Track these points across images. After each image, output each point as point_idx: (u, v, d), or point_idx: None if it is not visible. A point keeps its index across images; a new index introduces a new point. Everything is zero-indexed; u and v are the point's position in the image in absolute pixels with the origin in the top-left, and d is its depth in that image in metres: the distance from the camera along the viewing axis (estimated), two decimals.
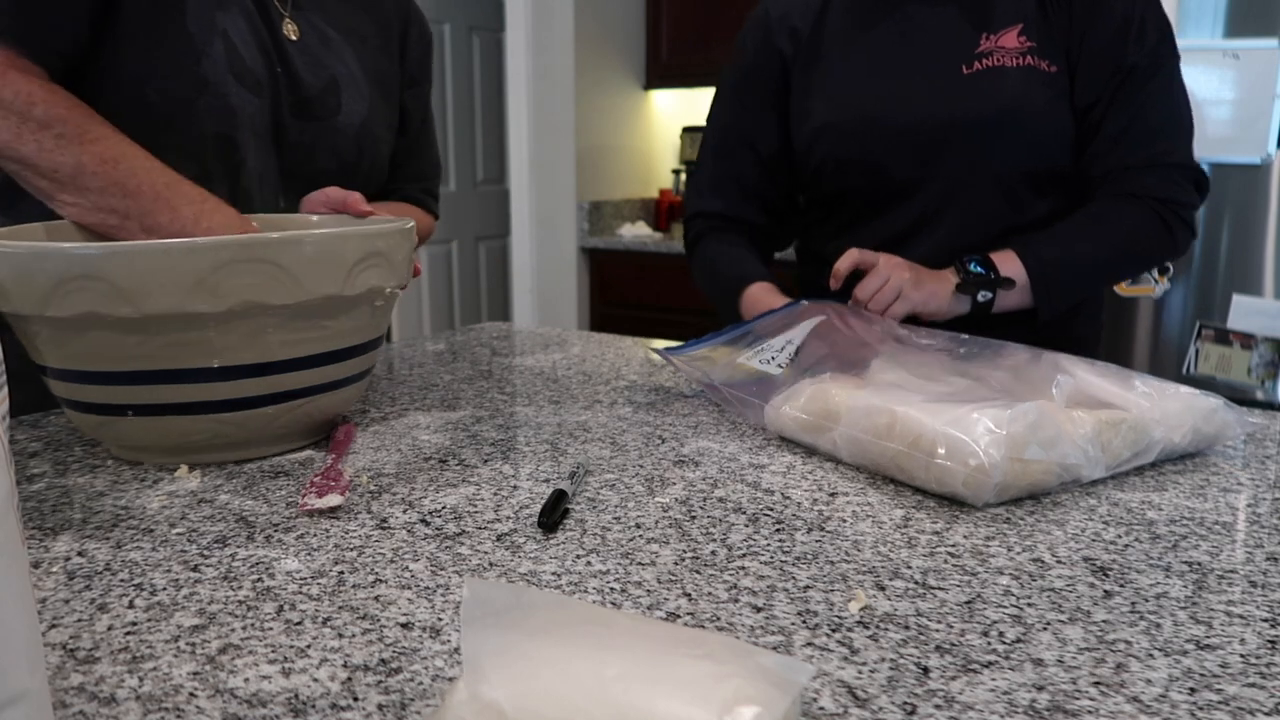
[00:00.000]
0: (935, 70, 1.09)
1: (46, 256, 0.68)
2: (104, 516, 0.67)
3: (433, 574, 0.58)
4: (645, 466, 0.77)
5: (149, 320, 0.70)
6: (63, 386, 0.76)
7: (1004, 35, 1.06)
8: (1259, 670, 0.47)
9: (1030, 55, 1.06)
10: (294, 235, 0.72)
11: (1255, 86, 2.05)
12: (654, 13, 3.60)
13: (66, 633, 0.51)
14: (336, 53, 1.07)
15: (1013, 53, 1.06)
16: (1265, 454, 0.82)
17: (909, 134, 1.10)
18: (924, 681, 0.46)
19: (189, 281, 0.69)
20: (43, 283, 0.68)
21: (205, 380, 0.73)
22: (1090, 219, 1.08)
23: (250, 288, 0.70)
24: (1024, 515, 0.67)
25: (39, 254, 0.68)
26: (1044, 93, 1.06)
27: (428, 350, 1.24)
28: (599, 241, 3.51)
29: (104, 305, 0.68)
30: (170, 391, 0.74)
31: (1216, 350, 2.21)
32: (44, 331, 0.72)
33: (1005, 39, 1.06)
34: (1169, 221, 1.07)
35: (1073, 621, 0.52)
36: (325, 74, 1.05)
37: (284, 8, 1.03)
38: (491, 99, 4.27)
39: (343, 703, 0.44)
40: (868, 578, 0.57)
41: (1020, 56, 1.06)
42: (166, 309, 0.69)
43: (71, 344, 0.72)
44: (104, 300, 0.68)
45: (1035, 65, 1.06)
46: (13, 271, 0.69)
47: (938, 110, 1.08)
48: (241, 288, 0.70)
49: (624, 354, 1.22)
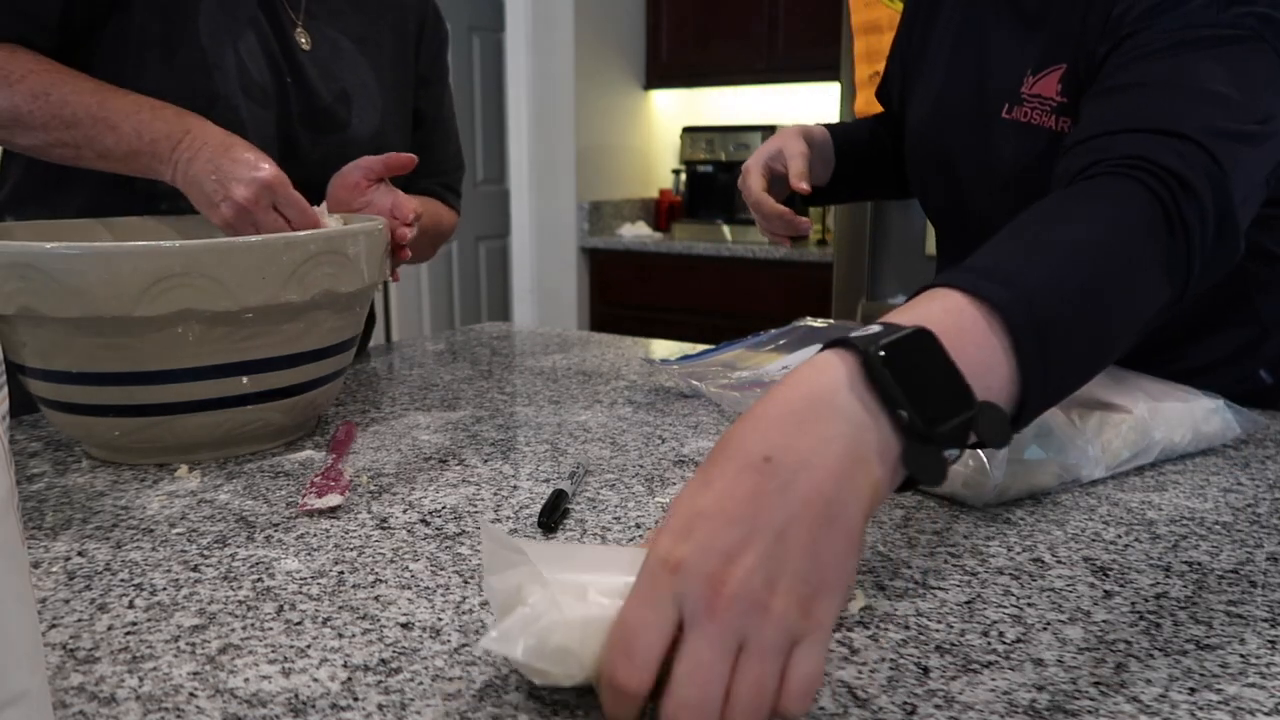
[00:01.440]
0: (983, 105, 0.97)
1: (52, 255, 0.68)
2: (104, 516, 0.67)
3: (433, 574, 0.58)
4: (645, 466, 0.77)
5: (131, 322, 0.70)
6: (44, 387, 0.76)
7: (1045, 79, 0.92)
8: (1259, 670, 0.47)
9: (1059, 116, 0.91)
10: (227, 243, 0.72)
11: None
12: (654, 13, 3.61)
13: (66, 633, 0.51)
14: (349, 62, 1.06)
15: (1046, 108, 0.91)
16: (1265, 454, 0.82)
17: (945, 166, 1.01)
18: (924, 681, 0.46)
19: (135, 290, 0.69)
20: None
21: (181, 380, 0.74)
22: (1038, 213, 0.90)
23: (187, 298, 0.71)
24: (1024, 515, 0.67)
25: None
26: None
27: (428, 350, 1.24)
28: (599, 241, 3.52)
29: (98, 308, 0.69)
30: (147, 393, 0.74)
31: None
32: (32, 331, 0.72)
33: (1045, 85, 0.92)
34: (1168, 212, 0.88)
35: (1073, 621, 0.52)
36: (337, 85, 1.04)
37: (296, 17, 1.03)
38: (491, 99, 4.27)
39: (343, 703, 0.44)
40: (868, 578, 0.57)
41: (1050, 115, 0.91)
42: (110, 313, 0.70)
43: (61, 345, 0.72)
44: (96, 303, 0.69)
45: (1059, 130, 0.90)
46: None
47: (973, 153, 0.98)
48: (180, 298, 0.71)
49: (624, 354, 1.22)
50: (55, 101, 0.85)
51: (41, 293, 0.69)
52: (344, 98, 1.05)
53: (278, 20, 1.00)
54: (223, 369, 0.75)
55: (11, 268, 0.69)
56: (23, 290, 0.69)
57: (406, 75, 1.14)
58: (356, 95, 1.06)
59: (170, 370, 0.73)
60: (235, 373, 0.76)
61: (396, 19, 1.12)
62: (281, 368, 0.78)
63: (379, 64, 1.09)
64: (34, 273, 0.68)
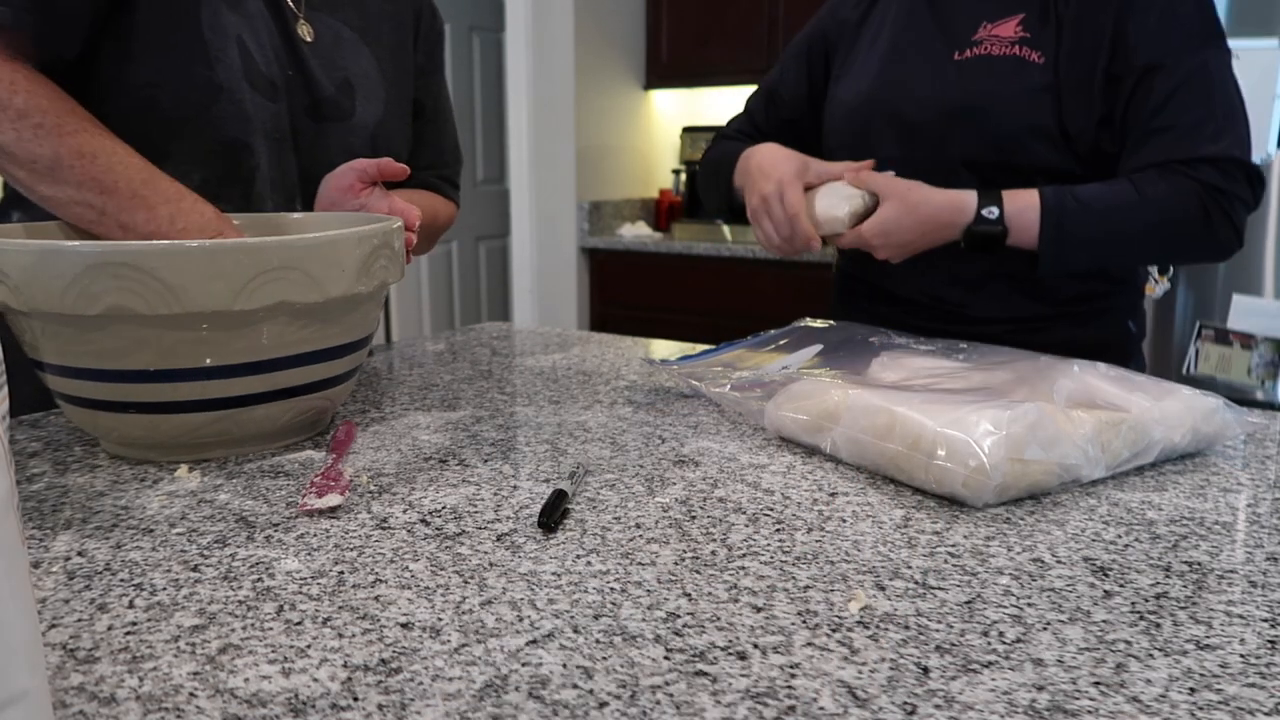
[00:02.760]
0: (933, 55, 1.11)
1: (68, 253, 0.69)
2: (104, 516, 0.67)
3: (433, 574, 0.58)
4: (645, 466, 0.77)
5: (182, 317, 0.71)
6: (62, 382, 0.76)
7: (1003, 24, 1.06)
8: (1259, 670, 0.47)
9: (1020, 45, 1.05)
10: None
11: (1255, 86, 2.05)
12: (654, 13, 3.60)
13: (66, 633, 0.51)
14: (351, 52, 1.07)
15: (1004, 42, 1.06)
16: (1265, 454, 0.82)
17: (895, 117, 1.12)
18: (924, 681, 0.46)
19: (230, 287, 0.71)
20: (66, 279, 0.69)
21: (201, 378, 0.74)
22: (1122, 181, 1.01)
23: None
24: (1024, 515, 0.67)
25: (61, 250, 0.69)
26: (1025, 84, 1.04)
27: (428, 350, 1.24)
28: (599, 241, 3.51)
29: (138, 304, 0.70)
30: (169, 389, 0.74)
31: (1216, 350, 2.21)
32: (53, 328, 0.72)
33: (1002, 28, 1.06)
34: (1210, 209, 0.99)
35: (1073, 621, 0.52)
36: (339, 75, 1.05)
37: (298, 9, 1.03)
38: (491, 99, 4.27)
39: (343, 703, 0.44)
40: (868, 578, 0.57)
41: (1010, 45, 1.06)
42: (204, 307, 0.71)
43: (85, 340, 0.72)
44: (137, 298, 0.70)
45: (1022, 55, 1.04)
46: (33, 267, 0.69)
47: (923, 97, 1.10)
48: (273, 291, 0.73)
49: (624, 354, 1.22)
50: (101, 166, 0.83)
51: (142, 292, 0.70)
52: (347, 87, 1.05)
53: (280, 13, 1.01)
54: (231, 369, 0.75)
55: (105, 266, 0.69)
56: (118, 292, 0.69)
57: (406, 65, 1.15)
58: (359, 84, 1.07)
59: (250, 363, 0.75)
60: (246, 372, 0.76)
61: (393, 10, 1.14)
62: (296, 365, 0.78)
63: (380, 54, 1.10)
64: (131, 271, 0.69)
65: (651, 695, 0.45)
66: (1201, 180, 0.99)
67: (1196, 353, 2.24)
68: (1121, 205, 0.99)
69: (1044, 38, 1.05)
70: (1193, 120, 0.99)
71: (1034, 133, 1.05)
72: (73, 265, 0.68)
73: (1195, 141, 0.99)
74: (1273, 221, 2.15)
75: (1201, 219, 0.99)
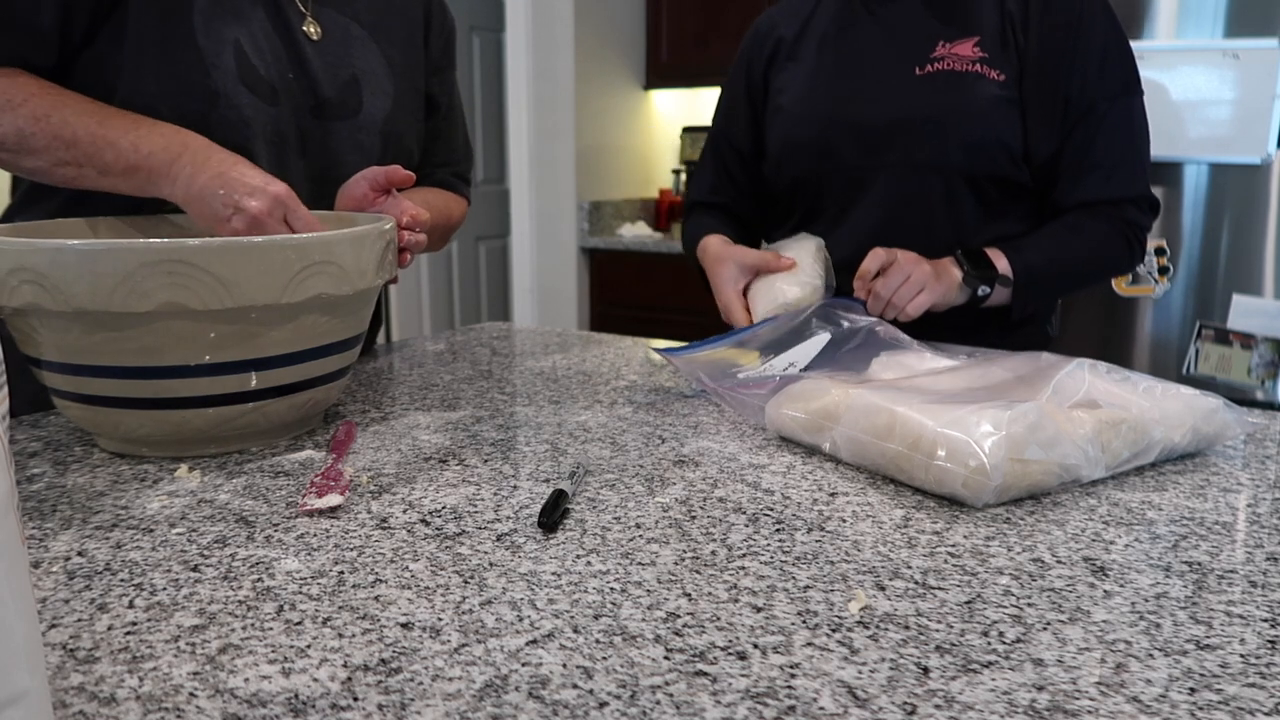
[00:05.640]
0: (891, 70, 1.16)
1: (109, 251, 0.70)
2: (104, 516, 0.67)
3: (433, 574, 0.58)
4: (645, 466, 0.77)
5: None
6: (61, 379, 0.76)
7: (960, 44, 1.14)
8: (1259, 670, 0.47)
9: (981, 64, 1.13)
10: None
11: (1255, 86, 2.05)
12: (654, 13, 3.60)
13: (66, 633, 0.51)
14: (359, 48, 1.07)
15: (964, 60, 1.13)
16: (1265, 454, 0.82)
17: (857, 127, 1.16)
18: (924, 681, 0.46)
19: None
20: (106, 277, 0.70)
21: (198, 375, 0.75)
22: (1067, 229, 1.15)
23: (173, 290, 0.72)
24: (1024, 515, 0.67)
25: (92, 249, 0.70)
26: (989, 99, 1.11)
27: (428, 350, 1.24)
28: (599, 241, 3.51)
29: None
30: (167, 386, 0.75)
31: (1216, 350, 2.21)
32: (61, 325, 0.73)
33: (960, 48, 1.14)
34: (1130, 241, 1.17)
35: (1073, 621, 0.52)
36: (346, 72, 1.05)
37: (305, 7, 1.03)
38: (491, 99, 4.27)
39: (343, 703, 0.44)
40: (868, 578, 0.57)
41: (970, 64, 1.13)
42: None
43: (126, 338, 0.73)
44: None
45: (984, 74, 1.12)
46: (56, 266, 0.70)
47: (887, 106, 1.15)
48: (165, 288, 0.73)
49: (624, 354, 1.22)
50: (56, 123, 0.86)
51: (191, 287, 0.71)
52: (353, 83, 1.05)
53: (281, 13, 1.00)
54: (235, 365, 0.77)
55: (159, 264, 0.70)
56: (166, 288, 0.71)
57: (417, 61, 1.15)
58: (366, 80, 1.07)
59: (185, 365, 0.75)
60: (245, 369, 0.77)
61: (404, 5, 1.14)
62: (287, 364, 0.79)
63: (389, 50, 1.10)
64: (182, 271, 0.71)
65: (651, 695, 0.45)
66: (1125, 219, 1.16)
67: (1196, 353, 2.24)
68: (1072, 258, 1.15)
69: (1004, 60, 1.13)
70: (1117, 160, 1.15)
71: (1001, 146, 1.12)
72: (124, 264, 0.70)
73: (1119, 182, 1.15)
74: (1273, 221, 2.15)
75: (1128, 253, 1.18)
